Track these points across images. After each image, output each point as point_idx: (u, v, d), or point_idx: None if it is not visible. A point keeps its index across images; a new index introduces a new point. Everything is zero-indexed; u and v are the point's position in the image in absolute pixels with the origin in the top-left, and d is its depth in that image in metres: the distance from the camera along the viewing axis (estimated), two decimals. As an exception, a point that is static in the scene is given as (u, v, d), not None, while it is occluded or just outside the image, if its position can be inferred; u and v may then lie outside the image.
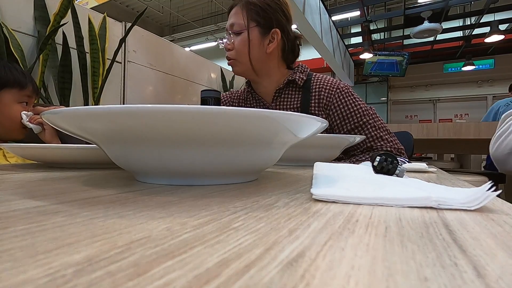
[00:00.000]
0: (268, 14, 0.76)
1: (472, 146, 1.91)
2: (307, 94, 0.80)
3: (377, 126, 0.76)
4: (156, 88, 1.90)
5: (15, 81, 0.80)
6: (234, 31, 0.77)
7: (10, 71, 0.80)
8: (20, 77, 0.82)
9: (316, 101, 0.79)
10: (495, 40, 4.73)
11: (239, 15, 0.76)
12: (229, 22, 0.78)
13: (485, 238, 0.14)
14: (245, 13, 0.76)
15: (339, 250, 0.12)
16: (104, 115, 0.22)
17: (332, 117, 0.78)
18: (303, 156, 0.57)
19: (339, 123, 0.77)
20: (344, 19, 6.08)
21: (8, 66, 0.81)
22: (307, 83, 0.81)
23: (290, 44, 0.81)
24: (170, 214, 0.17)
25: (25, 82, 0.83)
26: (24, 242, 0.12)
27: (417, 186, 0.26)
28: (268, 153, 0.29)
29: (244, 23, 0.75)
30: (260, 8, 0.75)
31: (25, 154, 0.47)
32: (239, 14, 0.76)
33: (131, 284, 0.08)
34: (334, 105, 0.78)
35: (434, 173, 0.50)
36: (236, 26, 0.76)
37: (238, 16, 0.76)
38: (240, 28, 0.76)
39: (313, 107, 0.79)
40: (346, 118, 0.76)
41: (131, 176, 0.35)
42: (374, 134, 0.75)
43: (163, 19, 8.36)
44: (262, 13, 0.76)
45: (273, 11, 0.76)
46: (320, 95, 0.79)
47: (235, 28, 0.76)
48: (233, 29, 0.77)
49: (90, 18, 1.44)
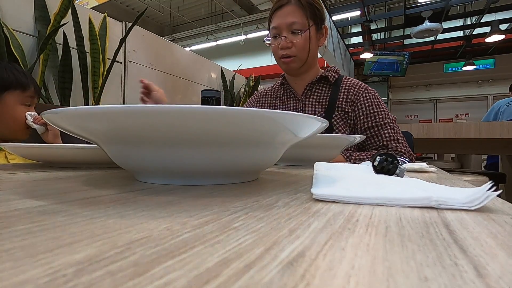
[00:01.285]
0: (320, 12, 0.83)
1: (473, 146, 1.90)
2: (336, 91, 0.86)
3: (395, 130, 0.81)
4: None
5: (17, 83, 0.80)
6: (294, 30, 0.80)
7: (12, 72, 0.80)
8: (22, 79, 0.82)
9: (344, 98, 0.85)
10: (496, 40, 4.72)
11: (299, 14, 0.79)
12: (287, 20, 0.80)
13: (485, 238, 0.14)
14: (307, 13, 0.80)
15: (339, 250, 0.12)
16: (104, 115, 0.22)
17: (357, 113, 0.83)
18: (303, 156, 0.57)
19: (362, 119, 0.82)
20: (344, 19, 6.07)
21: (9, 68, 0.81)
22: (337, 81, 0.88)
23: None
24: (170, 214, 0.17)
25: (27, 83, 0.83)
26: (24, 241, 0.12)
27: (418, 186, 0.26)
28: (268, 153, 0.29)
29: (306, 22, 0.80)
30: (315, 7, 0.82)
31: (26, 154, 0.47)
32: (298, 13, 0.79)
33: (131, 283, 0.08)
34: (361, 102, 0.83)
35: (435, 173, 0.50)
36: (297, 25, 0.79)
37: (298, 15, 0.79)
38: (302, 27, 0.79)
39: (340, 102, 0.85)
40: (369, 115, 0.82)
41: (131, 176, 0.35)
42: (392, 135, 0.79)
43: (163, 19, 8.36)
44: (317, 12, 0.82)
45: (321, 10, 0.84)
46: (349, 93, 0.85)
47: (296, 27, 0.79)
48: (293, 27, 0.80)
49: (91, 18, 1.44)
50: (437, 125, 1.56)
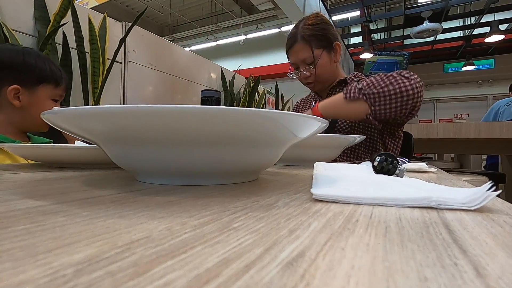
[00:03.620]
0: (326, 35, 0.89)
1: (472, 146, 1.90)
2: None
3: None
4: (156, 88, 1.90)
5: (52, 77, 0.80)
6: (307, 62, 0.90)
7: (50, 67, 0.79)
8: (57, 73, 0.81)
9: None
10: (495, 40, 4.73)
11: (305, 50, 0.88)
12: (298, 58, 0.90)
13: (485, 238, 0.14)
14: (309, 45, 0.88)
15: (339, 250, 0.12)
16: (104, 115, 0.22)
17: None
18: (303, 156, 0.57)
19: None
20: (344, 19, 6.07)
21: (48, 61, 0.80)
22: (352, 81, 0.92)
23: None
24: (170, 214, 0.17)
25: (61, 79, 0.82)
26: (24, 242, 0.12)
27: (417, 186, 0.26)
28: (268, 153, 0.29)
29: (313, 54, 0.88)
30: (318, 34, 0.88)
31: (26, 154, 0.47)
32: (306, 49, 0.88)
33: (131, 284, 0.08)
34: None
35: (434, 173, 0.50)
36: (308, 59, 0.89)
37: (305, 51, 0.88)
38: (312, 60, 0.89)
39: None
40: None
41: (131, 176, 0.35)
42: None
43: (163, 19, 8.36)
44: (321, 37, 0.88)
45: (327, 30, 0.89)
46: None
47: (308, 61, 0.89)
48: (306, 61, 0.90)
49: (90, 18, 1.44)
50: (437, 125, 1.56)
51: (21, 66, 0.74)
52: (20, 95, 0.75)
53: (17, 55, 0.75)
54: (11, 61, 0.74)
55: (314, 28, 0.88)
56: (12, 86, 0.73)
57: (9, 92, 0.73)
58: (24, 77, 0.75)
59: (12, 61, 0.74)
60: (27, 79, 0.75)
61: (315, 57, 0.88)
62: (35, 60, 0.76)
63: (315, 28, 0.88)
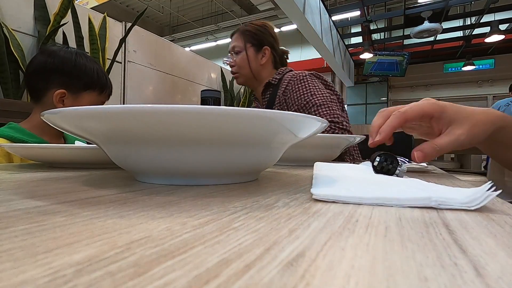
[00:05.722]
0: (259, 36, 1.02)
1: (472, 146, 1.90)
2: (276, 90, 0.99)
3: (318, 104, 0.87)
4: (156, 88, 1.90)
5: (98, 83, 0.79)
6: (235, 51, 1.02)
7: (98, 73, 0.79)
8: (103, 80, 0.81)
9: (281, 94, 0.96)
10: (495, 40, 4.73)
11: (238, 39, 1.03)
12: (231, 45, 1.04)
13: (485, 238, 0.14)
14: (242, 37, 1.02)
15: (339, 250, 0.12)
16: (104, 115, 0.22)
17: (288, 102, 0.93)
18: (303, 156, 0.57)
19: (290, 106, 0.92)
20: (344, 19, 6.08)
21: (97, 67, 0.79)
22: (280, 82, 0.99)
23: (279, 57, 1.06)
24: (170, 214, 0.17)
25: (106, 86, 0.82)
26: (24, 242, 0.12)
27: (417, 186, 0.26)
28: (268, 153, 0.29)
29: (243, 45, 1.01)
30: (253, 33, 1.02)
31: (25, 154, 0.47)
32: (238, 39, 1.03)
33: (131, 284, 0.08)
34: (290, 91, 0.93)
35: (434, 173, 0.50)
36: (236, 47, 1.02)
37: (238, 40, 1.03)
38: (240, 49, 1.02)
39: (277, 100, 0.97)
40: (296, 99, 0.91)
41: (131, 176, 0.35)
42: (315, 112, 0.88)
43: (163, 19, 8.36)
44: (255, 36, 1.02)
45: (262, 34, 1.02)
46: (286, 88, 0.95)
47: (236, 49, 1.02)
48: (235, 50, 1.02)
49: (90, 18, 1.44)
50: (437, 125, 1.55)
51: (71, 71, 0.74)
52: (65, 99, 0.75)
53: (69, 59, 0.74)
54: (63, 65, 0.74)
55: (254, 28, 1.02)
56: (59, 90, 0.73)
57: (56, 95, 0.73)
58: (72, 82, 0.75)
59: (64, 65, 0.74)
60: (74, 85, 0.75)
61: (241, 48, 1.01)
62: (85, 66, 0.76)
63: (255, 28, 1.02)
